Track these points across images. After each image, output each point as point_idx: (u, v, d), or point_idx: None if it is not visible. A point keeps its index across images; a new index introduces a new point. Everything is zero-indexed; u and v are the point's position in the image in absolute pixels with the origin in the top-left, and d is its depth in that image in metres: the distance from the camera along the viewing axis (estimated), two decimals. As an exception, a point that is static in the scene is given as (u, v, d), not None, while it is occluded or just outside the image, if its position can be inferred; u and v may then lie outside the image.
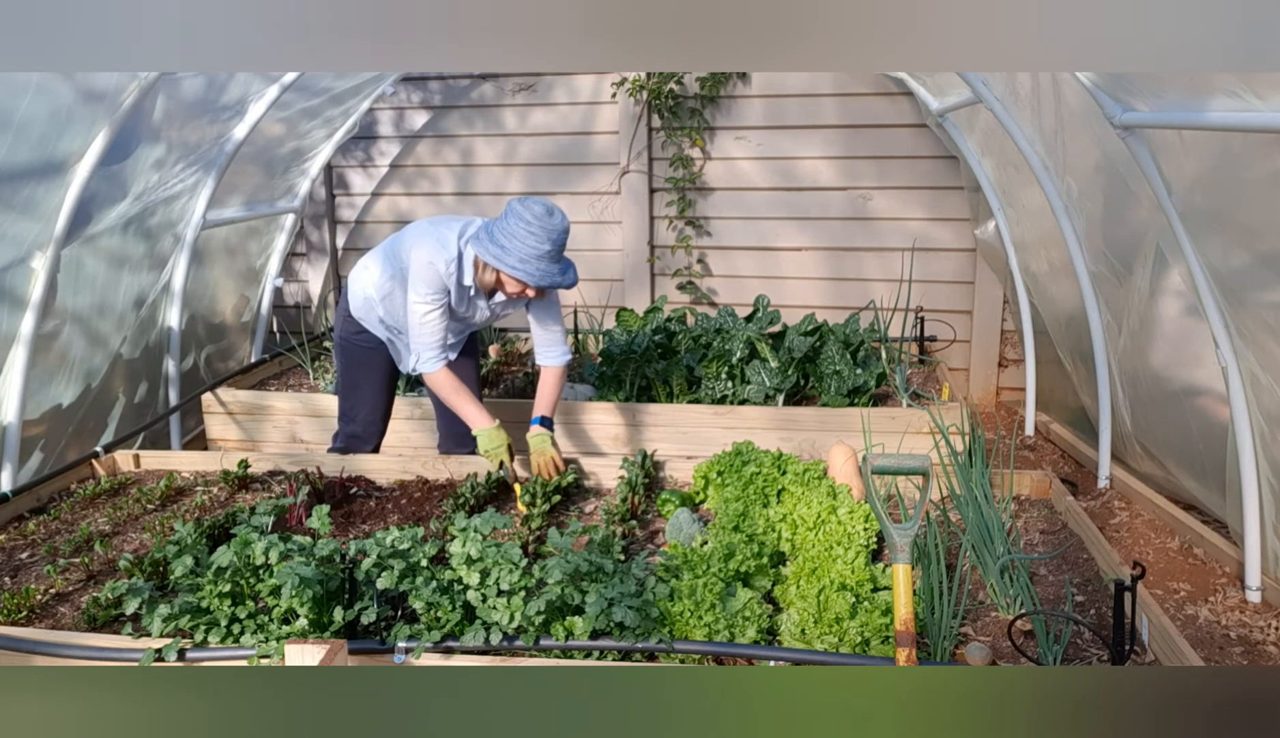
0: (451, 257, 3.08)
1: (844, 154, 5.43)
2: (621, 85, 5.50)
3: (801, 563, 2.48)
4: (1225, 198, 2.50)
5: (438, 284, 3.07)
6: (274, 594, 2.14)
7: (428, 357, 3.14)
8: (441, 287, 3.09)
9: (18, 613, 2.38)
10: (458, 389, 3.17)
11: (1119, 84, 2.60)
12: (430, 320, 3.10)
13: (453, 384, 3.17)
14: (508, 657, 2.13)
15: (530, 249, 2.93)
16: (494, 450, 3.14)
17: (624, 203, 5.70)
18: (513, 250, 2.94)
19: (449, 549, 2.22)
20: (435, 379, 3.18)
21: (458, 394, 3.17)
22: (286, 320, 6.05)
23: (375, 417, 3.57)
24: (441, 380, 3.17)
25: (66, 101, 3.01)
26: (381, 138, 5.95)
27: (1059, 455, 4.47)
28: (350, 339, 3.42)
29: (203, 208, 4.28)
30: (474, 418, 3.17)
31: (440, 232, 3.13)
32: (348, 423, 3.57)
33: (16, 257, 3.20)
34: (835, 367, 4.24)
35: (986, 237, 5.07)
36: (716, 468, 3.11)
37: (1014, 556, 2.49)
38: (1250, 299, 2.56)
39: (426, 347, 3.13)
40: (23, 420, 3.37)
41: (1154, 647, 2.20)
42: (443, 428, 3.67)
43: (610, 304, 5.83)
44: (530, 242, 2.92)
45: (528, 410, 3.32)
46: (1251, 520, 2.78)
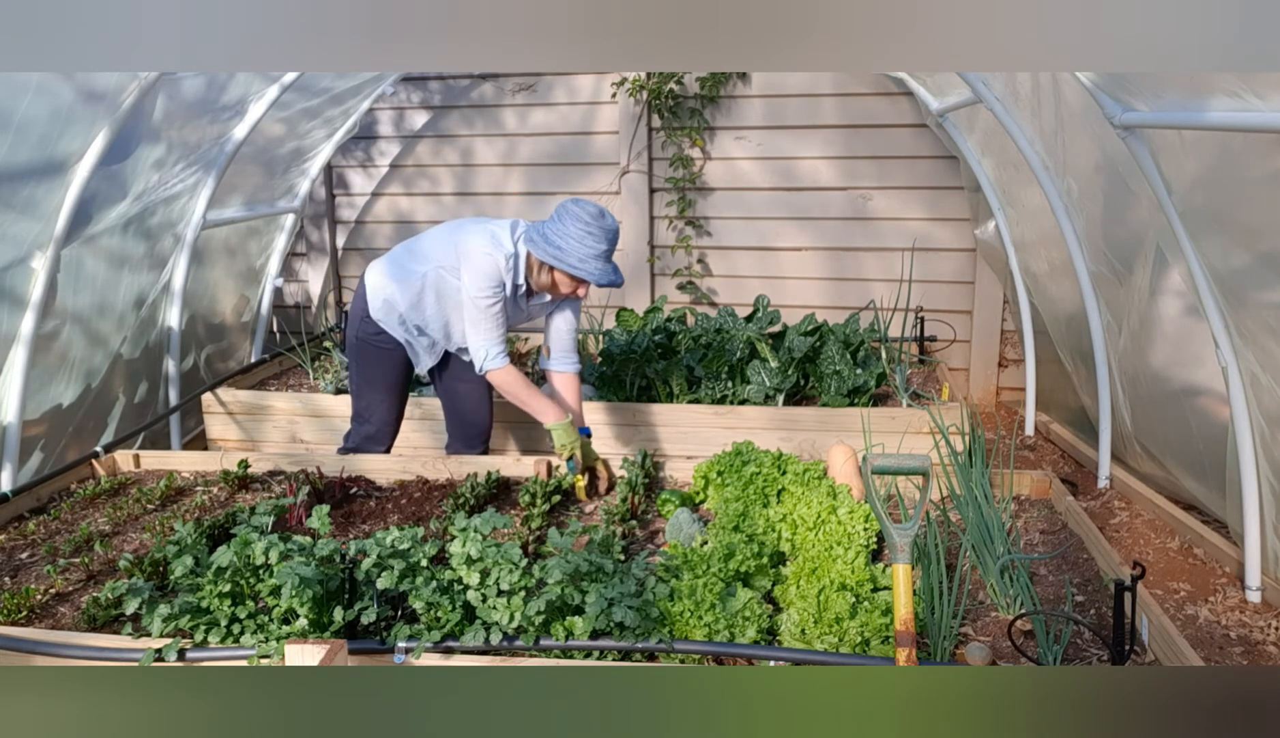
0: (509, 253, 3.11)
1: (844, 154, 5.43)
2: (621, 85, 5.50)
3: (801, 563, 2.48)
4: (1225, 198, 2.50)
5: (498, 278, 3.09)
6: (274, 594, 2.14)
7: (495, 353, 3.15)
8: (500, 281, 3.11)
9: (18, 613, 2.38)
10: (527, 384, 3.20)
11: (1119, 84, 2.60)
12: (494, 314, 3.11)
13: (522, 380, 3.20)
14: (508, 657, 2.13)
15: (589, 249, 2.98)
16: (570, 444, 3.15)
17: (624, 203, 5.70)
18: (571, 251, 2.99)
19: (449, 549, 2.22)
20: (503, 376, 3.19)
21: (528, 389, 3.19)
22: (286, 320, 6.05)
23: (391, 417, 3.57)
24: (511, 377, 3.19)
25: (66, 101, 3.01)
26: (381, 138, 5.95)
27: (1059, 455, 4.47)
28: (368, 340, 3.41)
29: (203, 208, 4.28)
30: (546, 412, 3.17)
31: (492, 229, 3.15)
32: (362, 424, 3.56)
33: (16, 257, 3.20)
34: (835, 367, 4.24)
35: (986, 237, 5.07)
36: (716, 468, 3.11)
37: (1014, 556, 2.49)
38: (1250, 299, 2.56)
39: (493, 342, 3.14)
40: (23, 420, 3.37)
41: (1154, 647, 2.20)
42: (452, 429, 3.67)
43: (610, 304, 5.82)
44: (589, 241, 2.98)
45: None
46: (1251, 520, 2.78)
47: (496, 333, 3.14)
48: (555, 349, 3.38)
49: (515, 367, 3.22)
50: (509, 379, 3.19)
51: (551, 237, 3.02)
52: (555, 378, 3.39)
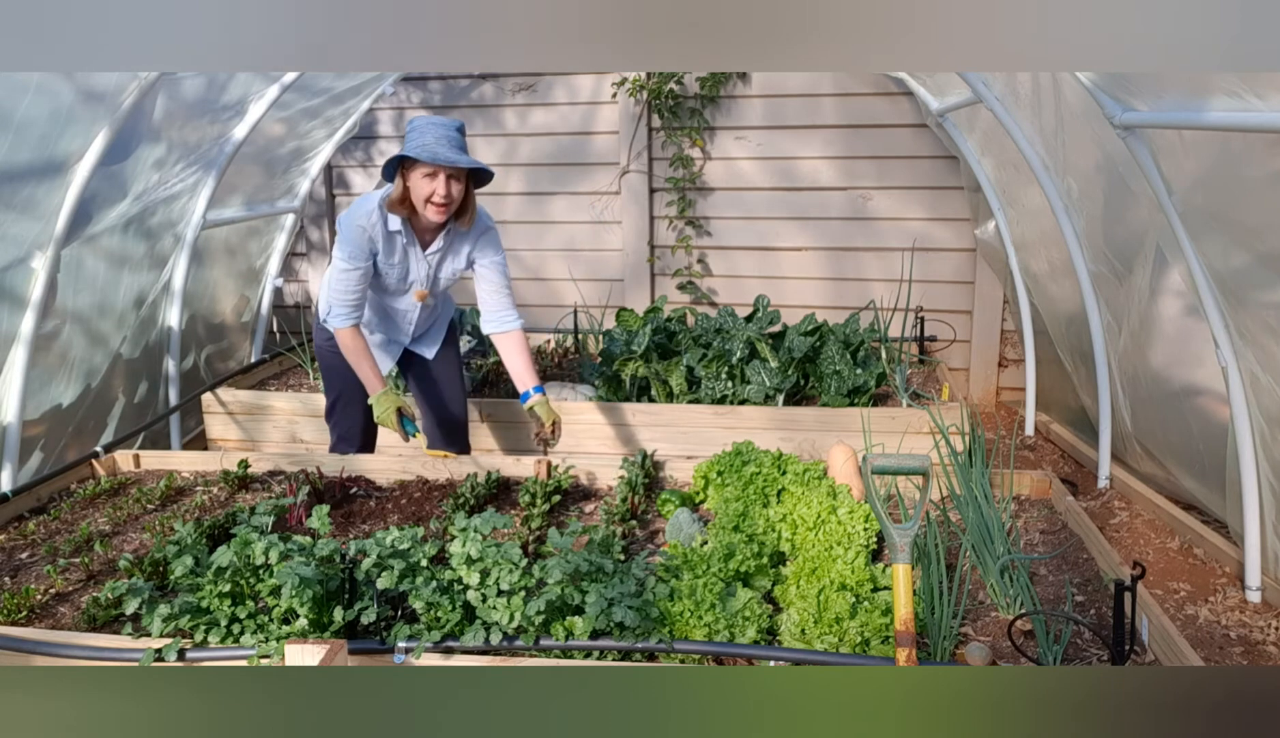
0: (372, 208, 3.11)
1: (844, 154, 5.43)
2: (621, 85, 5.50)
3: (801, 563, 2.48)
4: (1225, 198, 2.50)
5: (360, 243, 3.11)
6: (274, 594, 2.14)
7: (338, 312, 3.18)
8: (365, 249, 3.12)
9: (18, 613, 2.38)
10: (364, 353, 3.22)
11: (1119, 84, 2.60)
12: (346, 278, 3.14)
13: (357, 346, 3.21)
14: (508, 657, 2.13)
15: (429, 137, 2.96)
16: (384, 415, 3.19)
17: (624, 203, 5.70)
18: (412, 143, 2.98)
19: (449, 549, 2.22)
20: (341, 337, 3.22)
21: (359, 355, 3.22)
22: (286, 320, 6.05)
23: (356, 424, 3.55)
24: (346, 339, 3.21)
25: (66, 101, 3.01)
26: (381, 138, 5.95)
27: (1059, 455, 4.47)
28: (323, 347, 3.44)
29: (203, 208, 4.28)
30: (370, 381, 3.22)
31: (363, 198, 3.19)
32: (334, 426, 3.61)
33: (16, 256, 3.20)
34: (835, 367, 4.24)
35: (986, 236, 5.07)
36: (716, 468, 3.11)
37: (1014, 556, 2.49)
38: (1250, 299, 2.56)
39: (339, 302, 3.17)
40: (23, 420, 3.37)
41: (1154, 647, 2.20)
42: (427, 427, 3.67)
43: (610, 304, 5.83)
44: (429, 132, 2.97)
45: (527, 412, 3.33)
46: (1251, 520, 2.78)
47: (345, 295, 3.16)
48: (485, 309, 3.36)
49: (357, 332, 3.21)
50: (345, 340, 3.21)
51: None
52: (497, 342, 3.37)
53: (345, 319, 3.20)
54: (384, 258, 3.19)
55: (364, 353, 3.22)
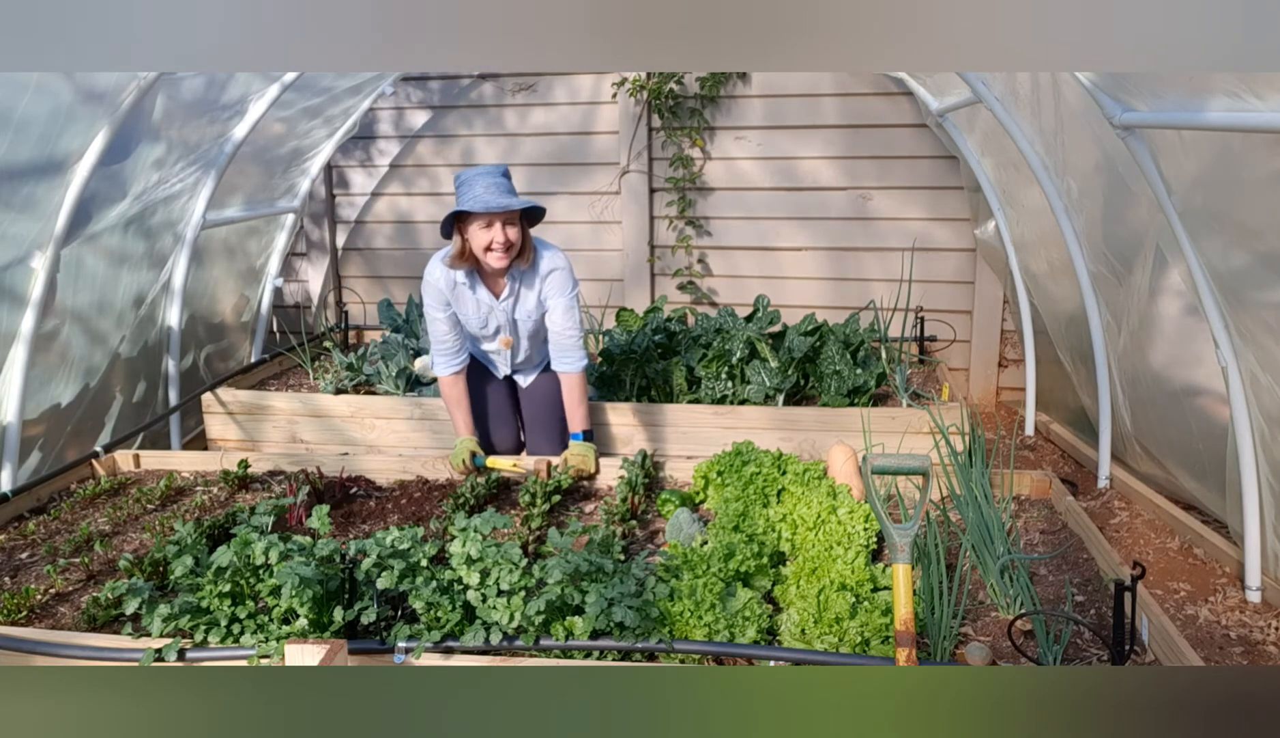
0: (435, 271, 3.31)
1: (844, 154, 5.43)
2: (621, 85, 5.50)
3: (801, 563, 2.48)
4: (1225, 198, 2.50)
5: (436, 294, 3.33)
6: (274, 594, 2.14)
7: (438, 360, 3.44)
8: (442, 298, 3.33)
9: (18, 613, 2.38)
10: (457, 401, 3.47)
11: (1119, 84, 2.60)
12: (435, 326, 3.38)
13: (455, 395, 3.47)
14: (508, 657, 2.13)
15: (479, 188, 3.06)
16: (455, 456, 3.35)
17: (624, 203, 5.70)
18: (464, 197, 3.08)
19: (449, 549, 2.22)
20: (442, 385, 3.49)
21: (454, 405, 3.48)
22: (286, 320, 6.05)
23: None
24: (445, 386, 3.48)
25: (66, 101, 3.01)
26: (381, 137, 5.94)
27: (1059, 455, 4.47)
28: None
29: (203, 207, 4.28)
30: (458, 427, 3.47)
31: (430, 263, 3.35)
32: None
33: (16, 256, 3.20)
34: (835, 367, 4.24)
35: (986, 236, 5.07)
36: (716, 468, 3.11)
37: (1014, 556, 2.49)
38: (1250, 299, 2.56)
39: (436, 350, 3.43)
40: (22, 420, 3.37)
41: (1154, 647, 2.20)
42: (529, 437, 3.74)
43: (610, 304, 5.82)
44: (477, 183, 3.07)
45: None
46: (1251, 520, 2.78)
47: (438, 344, 3.40)
48: (550, 346, 3.47)
49: (456, 379, 3.45)
50: (443, 388, 3.49)
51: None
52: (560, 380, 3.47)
53: (445, 367, 3.45)
54: (460, 311, 3.37)
55: (459, 403, 3.47)
